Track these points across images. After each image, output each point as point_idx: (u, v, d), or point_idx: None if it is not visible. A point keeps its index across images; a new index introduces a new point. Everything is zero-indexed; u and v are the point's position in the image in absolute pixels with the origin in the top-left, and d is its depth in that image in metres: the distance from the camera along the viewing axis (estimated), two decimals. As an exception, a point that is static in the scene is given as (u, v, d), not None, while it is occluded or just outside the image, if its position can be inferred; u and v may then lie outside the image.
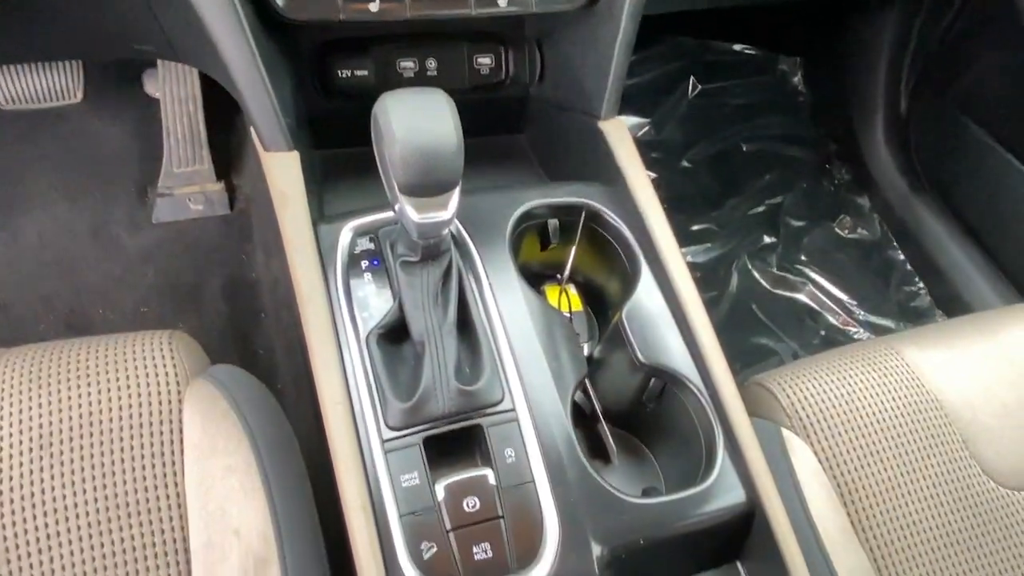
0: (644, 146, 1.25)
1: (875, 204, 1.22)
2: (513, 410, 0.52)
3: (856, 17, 1.21)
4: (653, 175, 1.22)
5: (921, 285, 1.15)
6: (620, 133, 0.65)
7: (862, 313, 1.13)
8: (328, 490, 0.50)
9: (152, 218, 1.04)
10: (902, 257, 1.18)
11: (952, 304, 1.11)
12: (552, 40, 0.72)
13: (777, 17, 1.28)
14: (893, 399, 0.62)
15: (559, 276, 0.67)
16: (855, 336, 1.10)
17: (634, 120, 1.27)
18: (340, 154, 0.74)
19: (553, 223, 0.64)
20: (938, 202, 1.15)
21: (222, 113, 1.07)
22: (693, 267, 1.17)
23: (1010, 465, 0.60)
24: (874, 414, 0.61)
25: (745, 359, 1.07)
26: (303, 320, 0.54)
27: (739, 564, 0.55)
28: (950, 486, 0.58)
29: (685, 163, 1.26)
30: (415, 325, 0.53)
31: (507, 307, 0.56)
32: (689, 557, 0.54)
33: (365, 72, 0.72)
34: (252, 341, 0.93)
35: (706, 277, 1.15)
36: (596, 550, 0.48)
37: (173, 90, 1.05)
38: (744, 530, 0.53)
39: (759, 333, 1.11)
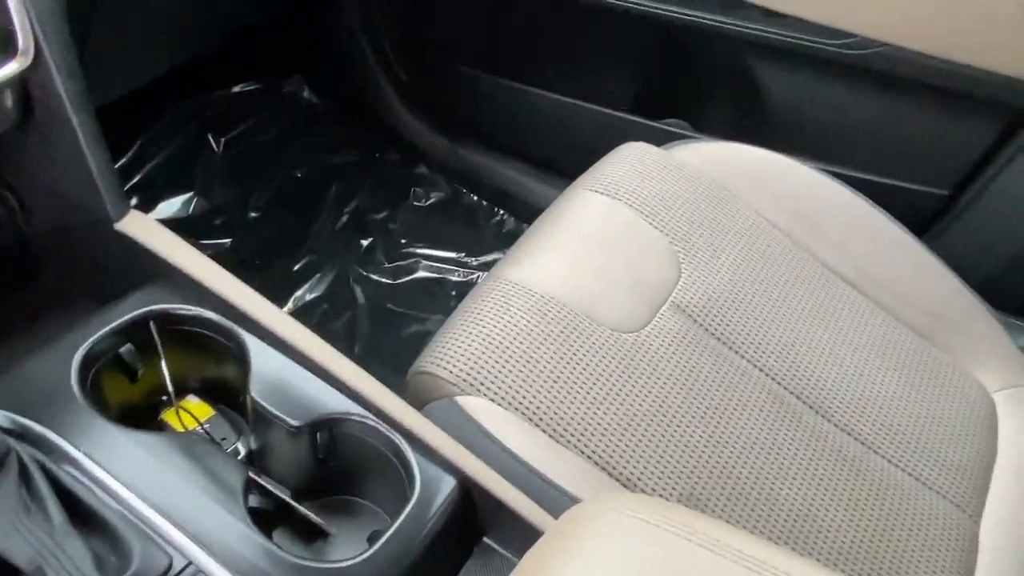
0: (202, 219, 1.18)
1: (430, 166, 1.32)
2: (191, 564, 0.45)
3: (326, 21, 1.27)
4: (227, 241, 1.16)
5: (502, 212, 1.28)
6: (143, 224, 0.59)
7: (474, 259, 1.22)
8: None
9: None
10: (476, 198, 1.29)
11: (530, 213, 1.25)
12: (10, 164, 0.62)
13: (257, 49, 1.28)
14: (520, 316, 0.67)
15: (167, 397, 0.59)
16: (478, 281, 1.18)
17: (176, 200, 1.18)
18: None
19: (127, 350, 0.57)
20: (472, 137, 1.28)
21: None
22: (316, 302, 1.14)
23: (623, 313, 0.70)
24: (515, 338, 0.66)
25: (409, 355, 1.08)
26: None
27: (487, 539, 0.55)
28: (594, 356, 0.66)
29: (252, 214, 1.21)
30: (18, 554, 0.42)
31: (121, 466, 0.48)
32: (443, 563, 0.53)
33: None
34: None
35: (332, 305, 1.14)
36: (353, 630, 0.45)
37: None
38: (472, 508, 0.54)
39: (406, 325, 1.13)
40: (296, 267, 1.17)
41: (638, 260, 0.74)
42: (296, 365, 0.56)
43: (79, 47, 0.59)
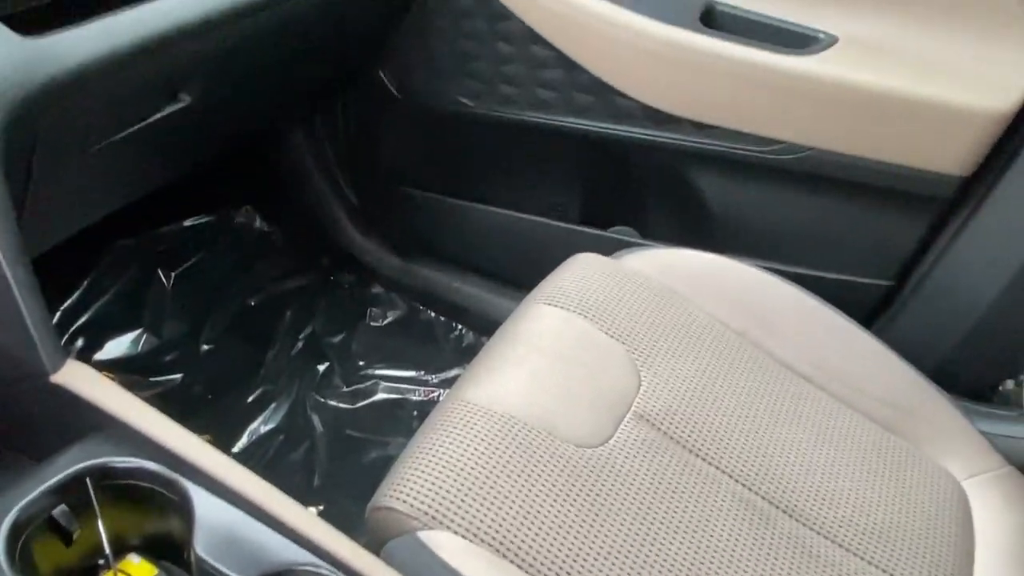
0: (151, 356, 1.15)
1: (386, 286, 1.32)
2: None
3: (275, 150, 1.30)
4: (177, 377, 1.13)
5: (460, 326, 1.28)
6: (81, 374, 0.57)
7: (434, 377, 1.20)
8: None
9: None
10: (433, 314, 1.29)
11: (489, 326, 1.25)
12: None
13: (207, 182, 1.29)
14: (481, 439, 0.65)
15: (105, 559, 0.55)
16: (439, 399, 1.16)
17: (125, 339, 1.15)
18: None
19: (61, 511, 0.53)
20: (425, 255, 1.29)
21: None
22: (272, 434, 1.10)
23: (586, 427, 0.69)
24: (476, 463, 0.64)
25: (371, 482, 1.05)
26: None
27: None
28: (560, 476, 0.64)
29: (205, 347, 1.19)
30: None
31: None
32: None
33: None
34: None
35: (289, 435, 1.10)
36: None
37: None
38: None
39: (367, 451, 1.10)
40: (250, 399, 1.13)
41: (597, 371, 0.74)
42: (244, 514, 0.53)
43: (17, 200, 0.58)
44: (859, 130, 0.87)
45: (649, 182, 1.07)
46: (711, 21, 0.92)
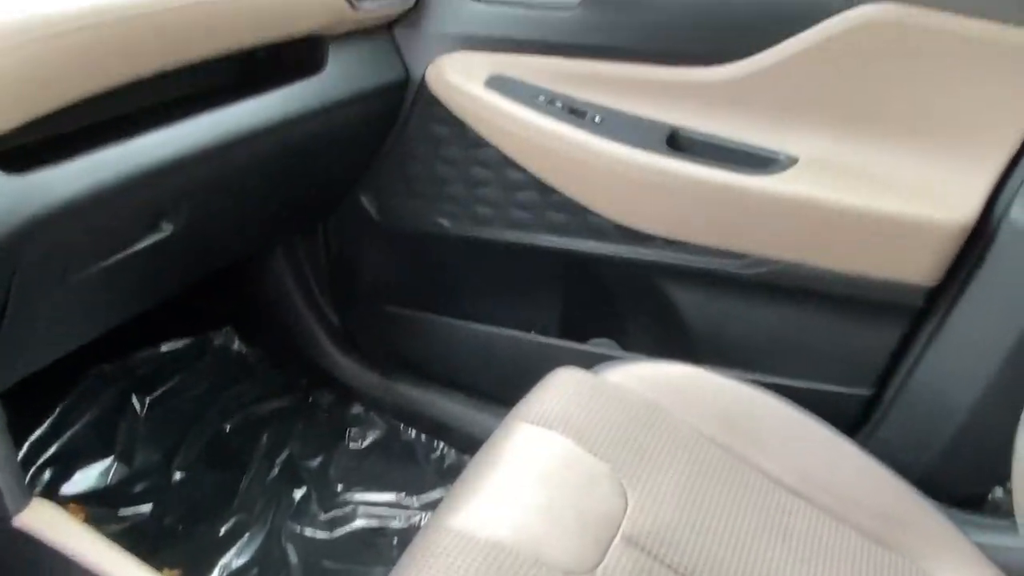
0: (121, 486, 1.11)
1: (366, 405, 1.30)
2: None
3: (256, 270, 1.31)
4: (147, 508, 1.08)
5: (442, 445, 1.25)
6: (44, 516, 0.55)
7: (415, 500, 1.16)
8: None
9: None
10: (413, 434, 1.27)
11: (472, 444, 1.23)
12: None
13: (186, 303, 1.29)
14: (464, 572, 0.63)
15: None
16: (421, 524, 1.12)
17: (95, 469, 1.11)
18: None
19: (13, 668, 0.49)
20: (406, 372, 1.28)
21: None
22: (245, 568, 1.05)
23: (574, 553, 0.66)
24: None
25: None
26: None
27: None
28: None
29: (177, 475, 1.15)
30: None
31: None
32: None
33: None
34: None
35: (263, 569, 1.05)
36: None
37: None
38: None
39: (345, 584, 1.05)
40: (223, 530, 1.08)
41: (583, 492, 0.72)
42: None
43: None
44: (824, 244, 0.90)
45: (626, 295, 1.08)
46: (677, 144, 0.97)
